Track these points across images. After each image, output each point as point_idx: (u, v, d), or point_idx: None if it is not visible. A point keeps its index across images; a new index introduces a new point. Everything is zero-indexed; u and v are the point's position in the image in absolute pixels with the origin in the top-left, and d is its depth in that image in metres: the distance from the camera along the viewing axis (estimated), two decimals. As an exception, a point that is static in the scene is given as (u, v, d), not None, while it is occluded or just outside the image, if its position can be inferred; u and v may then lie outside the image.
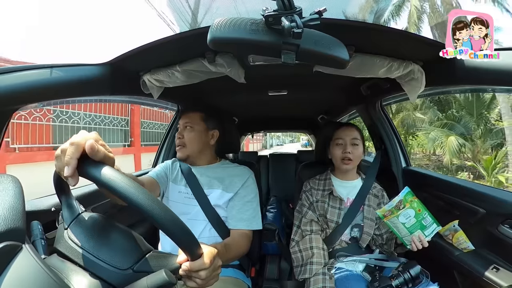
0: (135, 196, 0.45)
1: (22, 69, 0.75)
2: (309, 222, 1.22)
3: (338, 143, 1.26)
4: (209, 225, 1.08)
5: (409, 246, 1.02)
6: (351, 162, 1.22)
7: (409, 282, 0.92)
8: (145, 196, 0.46)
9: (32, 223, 0.60)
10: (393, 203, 1.04)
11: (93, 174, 0.45)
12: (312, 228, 1.21)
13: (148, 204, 0.45)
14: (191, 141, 1.17)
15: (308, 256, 1.13)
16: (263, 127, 3.58)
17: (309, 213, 1.24)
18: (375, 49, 0.90)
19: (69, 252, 0.53)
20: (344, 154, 1.22)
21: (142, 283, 0.48)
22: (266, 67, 1.08)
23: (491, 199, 1.02)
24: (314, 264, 1.09)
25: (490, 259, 1.00)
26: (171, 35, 0.83)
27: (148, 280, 0.48)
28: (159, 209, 0.46)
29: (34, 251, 0.45)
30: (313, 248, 1.13)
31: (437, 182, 1.35)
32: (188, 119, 1.19)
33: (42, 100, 0.89)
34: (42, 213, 0.84)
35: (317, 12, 0.55)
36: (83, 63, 0.89)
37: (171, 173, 1.19)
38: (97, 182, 0.46)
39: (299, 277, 1.12)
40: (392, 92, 1.33)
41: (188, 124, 1.18)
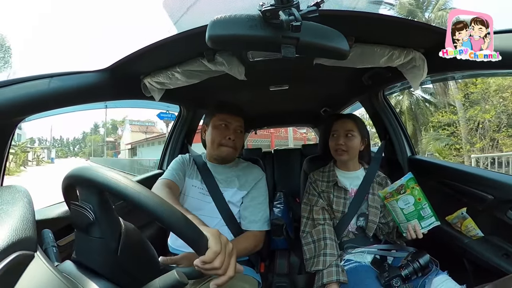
0: (136, 197, 0.46)
1: (22, 80, 0.76)
2: (320, 210, 1.23)
3: (334, 135, 1.28)
4: (222, 222, 1.10)
5: (405, 234, 1.02)
6: (345, 153, 1.24)
7: (419, 271, 0.92)
8: (146, 196, 0.47)
9: (43, 231, 0.60)
10: (394, 185, 1.05)
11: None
12: (325, 216, 1.21)
13: (150, 203, 0.46)
14: (240, 145, 1.22)
15: (321, 247, 1.12)
16: (266, 123, 3.56)
17: (320, 201, 1.25)
18: (375, 39, 0.89)
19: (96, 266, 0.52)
20: (337, 146, 1.25)
21: (154, 284, 0.49)
22: (266, 62, 1.08)
23: (498, 184, 1.01)
24: (328, 255, 1.09)
25: (500, 246, 1.00)
26: (169, 37, 0.82)
27: (160, 281, 0.49)
28: (163, 207, 0.47)
29: (46, 259, 0.45)
30: (326, 239, 1.13)
31: (443, 169, 1.34)
32: (239, 123, 1.22)
33: (44, 110, 0.90)
34: (52, 221, 0.86)
35: (314, 4, 0.55)
36: (82, 71, 0.89)
37: (187, 168, 1.22)
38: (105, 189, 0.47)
39: (311, 268, 1.10)
40: (394, 81, 1.32)
41: (240, 128, 1.21)
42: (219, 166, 1.23)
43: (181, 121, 1.76)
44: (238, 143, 1.20)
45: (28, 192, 0.52)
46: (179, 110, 1.76)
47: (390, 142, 1.60)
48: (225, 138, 1.17)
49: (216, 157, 1.22)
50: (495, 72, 1.31)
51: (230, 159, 1.24)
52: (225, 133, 1.17)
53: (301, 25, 0.52)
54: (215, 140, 1.18)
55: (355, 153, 1.27)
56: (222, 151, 1.18)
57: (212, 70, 0.97)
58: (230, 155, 1.20)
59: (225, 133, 1.17)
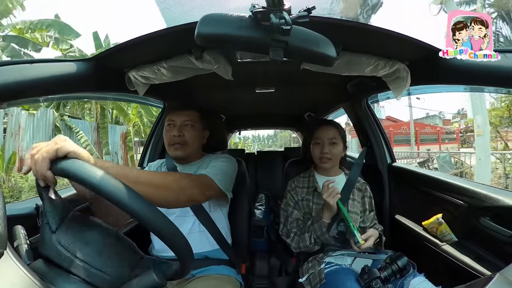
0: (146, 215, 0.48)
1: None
2: (295, 221, 1.26)
3: (317, 142, 1.28)
4: (197, 220, 1.08)
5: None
6: (329, 161, 1.25)
7: (397, 273, 0.95)
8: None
9: (14, 227, 0.57)
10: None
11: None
12: (300, 226, 1.24)
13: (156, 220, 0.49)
14: (193, 140, 1.14)
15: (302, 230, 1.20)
16: (250, 125, 3.57)
17: (294, 213, 1.27)
18: (362, 48, 0.91)
19: (58, 258, 0.51)
20: (321, 154, 1.25)
21: (132, 285, 0.47)
22: (253, 64, 1.08)
23: (472, 193, 1.06)
24: (312, 231, 1.15)
25: (473, 250, 1.06)
26: (157, 30, 0.80)
27: (138, 282, 0.47)
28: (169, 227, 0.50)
29: (17, 257, 0.43)
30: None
31: (421, 177, 1.40)
32: (187, 117, 1.14)
33: (20, 98, 0.85)
34: (25, 217, 0.80)
35: (306, 10, 0.55)
36: (65, 59, 0.85)
37: None
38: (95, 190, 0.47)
39: (299, 244, 1.18)
40: (378, 90, 1.36)
41: (189, 122, 1.14)
42: (185, 166, 1.18)
43: (163, 118, 1.72)
44: (189, 137, 1.13)
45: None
46: (163, 107, 1.72)
47: (371, 149, 1.64)
48: (171, 137, 1.13)
49: (174, 158, 1.19)
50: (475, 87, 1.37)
51: (186, 156, 1.15)
52: (170, 132, 1.13)
53: (291, 29, 0.53)
54: (165, 142, 1.15)
55: (338, 160, 1.29)
56: (171, 150, 1.13)
57: (199, 67, 0.95)
58: (184, 152, 1.13)
59: (170, 132, 1.13)
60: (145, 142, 1.79)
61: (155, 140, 1.71)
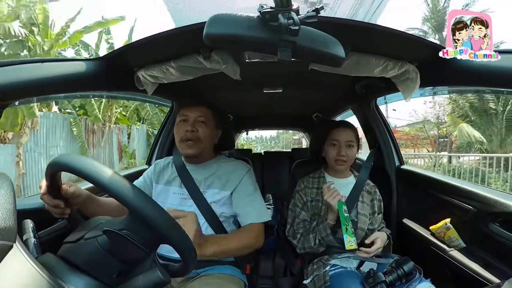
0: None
1: (11, 63, 0.72)
2: (302, 222, 1.24)
3: (333, 143, 1.26)
4: (205, 224, 1.06)
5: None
6: (345, 163, 1.24)
7: (403, 277, 0.94)
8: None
9: (24, 221, 0.59)
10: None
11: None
12: (306, 227, 1.23)
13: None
14: (207, 137, 1.11)
15: (309, 230, 1.20)
16: (258, 125, 3.57)
17: (302, 214, 1.25)
18: (371, 48, 0.90)
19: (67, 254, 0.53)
20: (338, 156, 1.23)
21: (137, 282, 0.48)
22: (262, 64, 1.08)
23: (482, 198, 1.04)
24: (316, 232, 1.15)
25: (481, 256, 1.03)
26: (166, 31, 0.81)
27: (143, 279, 0.48)
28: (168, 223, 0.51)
29: (25, 250, 0.44)
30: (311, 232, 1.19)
31: (429, 181, 1.37)
32: (201, 113, 1.12)
33: (32, 96, 0.87)
34: (34, 212, 0.83)
35: (314, 10, 0.55)
36: (76, 58, 0.87)
37: (162, 176, 1.17)
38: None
39: (304, 245, 1.19)
40: (387, 92, 1.34)
41: (202, 118, 1.11)
42: (197, 166, 1.16)
43: (172, 117, 1.74)
44: (202, 134, 1.09)
45: (10, 179, 0.50)
46: (171, 106, 1.74)
47: (379, 151, 1.62)
48: (184, 132, 1.09)
49: (185, 156, 1.15)
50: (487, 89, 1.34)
51: (198, 154, 1.11)
52: (183, 127, 1.10)
53: (299, 29, 0.53)
54: (177, 138, 1.12)
55: (352, 162, 1.28)
56: (183, 147, 1.10)
57: (207, 67, 0.96)
58: (198, 149, 1.09)
59: (183, 127, 1.10)
60: (153, 141, 1.81)
61: (163, 139, 1.73)
